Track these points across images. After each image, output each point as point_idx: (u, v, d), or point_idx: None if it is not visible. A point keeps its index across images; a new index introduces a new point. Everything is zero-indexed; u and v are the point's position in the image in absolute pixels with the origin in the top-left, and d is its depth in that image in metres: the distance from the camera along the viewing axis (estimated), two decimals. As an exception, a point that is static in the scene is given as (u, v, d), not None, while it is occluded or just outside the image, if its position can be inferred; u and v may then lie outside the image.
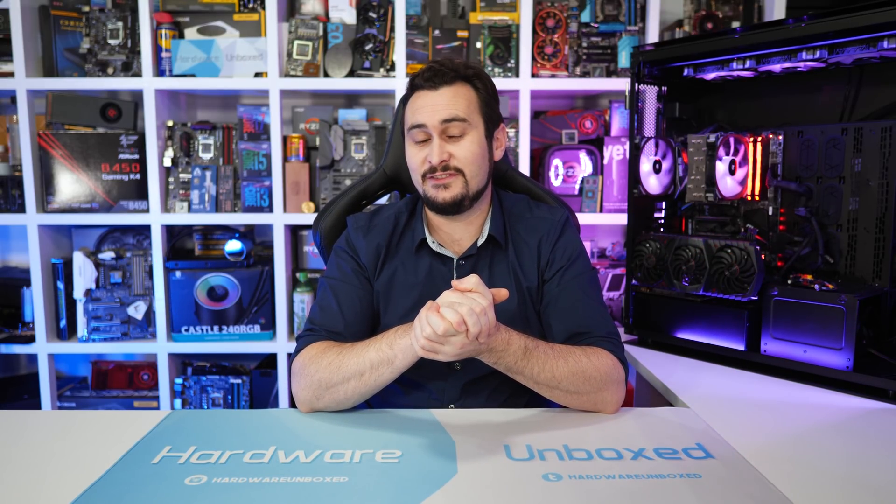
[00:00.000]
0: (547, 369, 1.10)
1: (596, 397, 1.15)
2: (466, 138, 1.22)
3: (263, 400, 2.39)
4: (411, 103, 1.24)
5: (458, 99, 1.21)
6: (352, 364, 1.09)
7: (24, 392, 2.44)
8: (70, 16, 2.27)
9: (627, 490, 0.89)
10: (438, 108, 1.20)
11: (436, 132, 1.20)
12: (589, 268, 1.30)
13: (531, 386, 1.13)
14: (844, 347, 1.33)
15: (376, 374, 1.09)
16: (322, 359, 1.13)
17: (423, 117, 1.20)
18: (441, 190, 1.21)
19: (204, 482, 0.91)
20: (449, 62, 1.23)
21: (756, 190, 1.55)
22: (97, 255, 2.33)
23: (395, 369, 1.09)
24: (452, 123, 1.20)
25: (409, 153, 1.26)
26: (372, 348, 1.09)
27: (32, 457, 1.00)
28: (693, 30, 2.33)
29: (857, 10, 1.29)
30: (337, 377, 1.11)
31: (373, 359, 1.08)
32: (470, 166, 1.22)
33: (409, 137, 1.25)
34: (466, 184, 1.22)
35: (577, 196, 2.28)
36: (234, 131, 2.35)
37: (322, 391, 1.13)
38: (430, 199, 1.23)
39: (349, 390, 1.11)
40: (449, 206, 1.22)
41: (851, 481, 0.94)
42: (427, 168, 1.21)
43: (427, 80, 1.21)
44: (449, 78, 1.21)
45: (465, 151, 1.21)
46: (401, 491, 0.89)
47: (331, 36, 2.27)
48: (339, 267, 1.29)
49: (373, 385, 1.11)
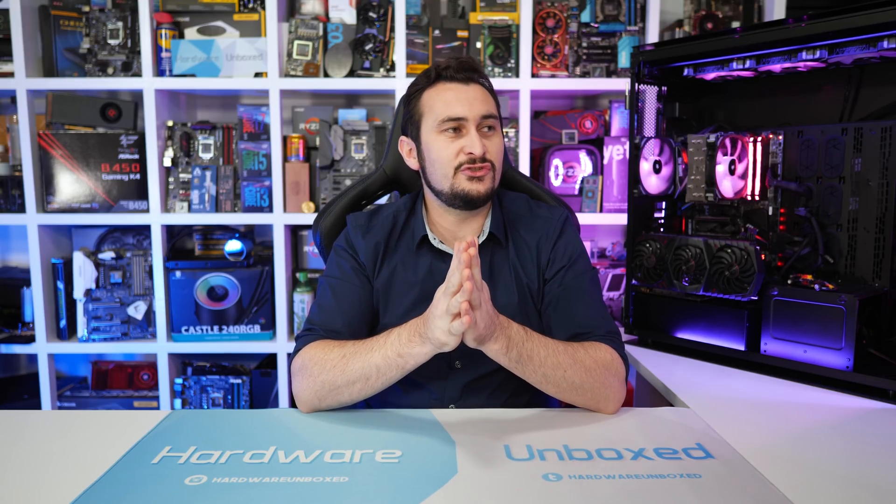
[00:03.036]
0: (551, 353, 1.09)
1: (598, 392, 1.14)
2: (497, 134, 1.26)
3: (263, 400, 2.39)
4: (438, 95, 1.23)
5: (487, 96, 1.25)
6: (357, 368, 1.09)
7: (24, 392, 2.44)
8: (70, 16, 2.27)
9: (627, 490, 0.89)
10: (475, 102, 1.22)
11: (474, 125, 1.21)
12: (589, 268, 1.30)
13: (538, 379, 1.10)
14: (844, 347, 1.32)
15: (384, 379, 1.09)
16: (325, 360, 1.12)
17: (462, 110, 1.21)
18: (476, 182, 1.22)
19: (204, 482, 0.91)
20: (470, 59, 1.26)
21: (756, 190, 1.55)
22: (97, 255, 2.33)
23: (404, 373, 1.09)
24: (489, 119, 1.23)
25: (439, 145, 1.23)
26: (377, 353, 1.08)
27: (32, 457, 1.00)
28: (693, 30, 2.33)
29: (857, 10, 1.29)
30: (342, 380, 1.10)
31: (379, 364, 1.08)
32: (499, 162, 1.25)
33: (436, 129, 1.23)
34: (494, 178, 1.24)
35: (577, 196, 2.28)
36: (234, 131, 2.35)
37: (326, 392, 1.12)
38: (464, 192, 1.22)
39: (354, 392, 1.11)
40: (482, 199, 1.23)
41: (851, 481, 0.94)
42: (465, 159, 1.21)
43: (458, 72, 1.23)
44: (476, 76, 1.25)
45: (496, 147, 1.24)
46: (401, 491, 0.89)
47: (331, 36, 2.27)
48: (338, 266, 1.29)
49: (379, 388, 1.11)
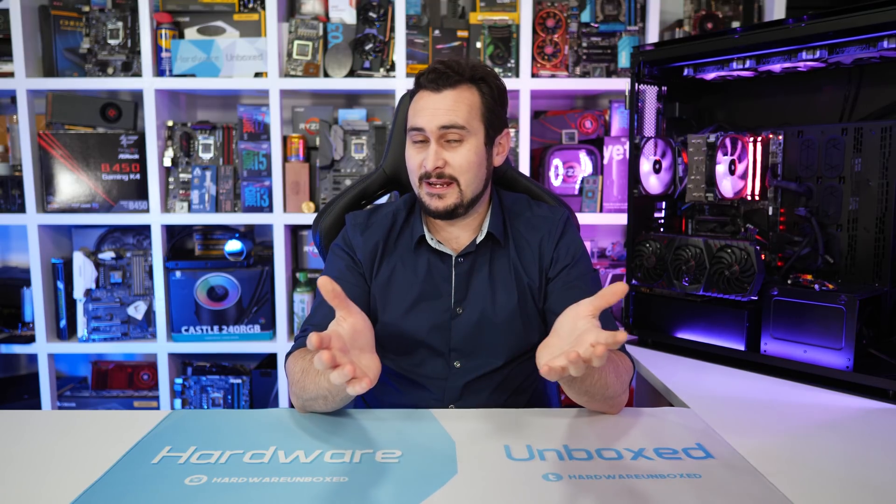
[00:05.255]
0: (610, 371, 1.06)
1: (621, 399, 1.13)
2: (464, 146, 1.19)
3: (263, 400, 2.39)
4: (413, 103, 1.22)
5: (459, 104, 1.18)
6: (311, 388, 1.06)
7: (24, 392, 2.44)
8: (70, 16, 2.27)
9: (627, 490, 0.89)
10: (438, 112, 1.18)
11: (433, 137, 1.18)
12: (591, 269, 1.30)
13: (575, 395, 1.08)
14: (844, 347, 1.32)
15: (338, 399, 1.07)
16: (293, 373, 1.11)
17: (422, 121, 1.19)
18: (435, 199, 1.20)
19: (204, 482, 0.91)
20: (456, 63, 1.20)
21: (756, 190, 1.55)
22: (97, 255, 2.33)
23: (352, 398, 1.07)
24: (450, 130, 1.18)
25: (408, 154, 1.25)
26: (322, 377, 1.03)
27: (32, 457, 1.00)
28: (693, 30, 2.33)
29: (857, 10, 1.29)
30: (305, 395, 1.09)
31: (329, 387, 1.03)
32: (465, 175, 1.20)
33: (408, 138, 1.24)
34: (461, 192, 1.20)
35: (577, 196, 2.28)
36: (234, 131, 2.35)
37: (301, 402, 1.12)
38: (425, 205, 1.23)
39: (321, 406, 1.10)
40: (442, 215, 1.22)
41: (851, 481, 0.94)
42: (423, 173, 1.20)
43: (430, 82, 1.19)
44: (453, 81, 1.18)
45: (461, 159, 1.19)
46: (401, 491, 0.88)
47: (331, 36, 2.27)
48: (334, 265, 1.29)
49: (340, 404, 1.10)
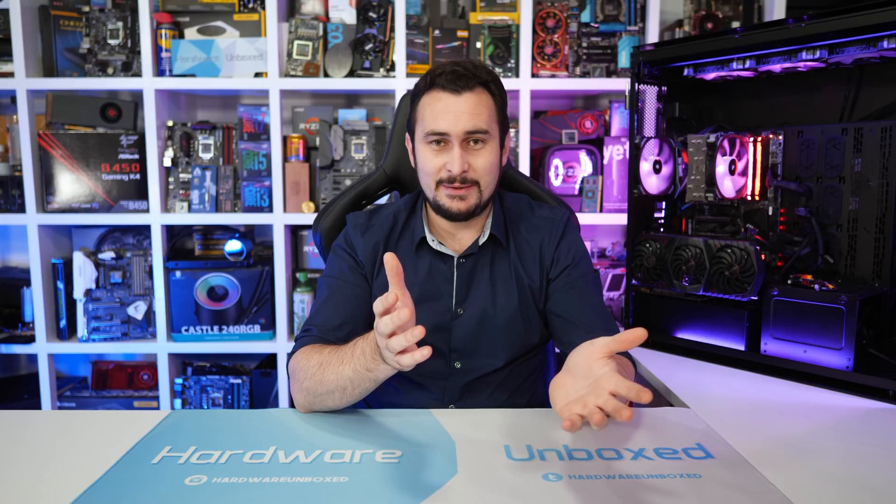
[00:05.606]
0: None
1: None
2: (486, 149, 1.20)
3: (263, 400, 2.39)
4: (430, 104, 1.20)
5: (480, 108, 1.18)
6: (332, 379, 1.07)
7: (24, 392, 2.44)
8: (70, 16, 2.27)
9: (627, 490, 0.89)
10: (462, 116, 1.17)
11: (457, 141, 1.18)
12: (592, 269, 1.30)
13: None
14: (844, 347, 1.32)
15: (360, 390, 1.07)
16: (307, 368, 1.11)
17: (446, 125, 1.17)
18: (457, 201, 1.20)
19: (204, 482, 0.91)
20: (470, 65, 1.19)
21: (756, 190, 1.55)
22: (97, 255, 2.33)
23: (378, 384, 1.06)
24: (476, 134, 1.18)
25: (424, 156, 1.22)
26: (348, 366, 1.04)
27: (32, 457, 1.00)
28: (693, 30, 2.33)
29: (857, 10, 1.29)
30: (321, 389, 1.09)
31: (351, 377, 1.05)
32: (486, 177, 1.21)
33: (424, 140, 1.21)
34: (480, 194, 1.21)
35: (577, 196, 2.28)
36: (234, 131, 2.35)
37: (312, 399, 1.12)
38: (444, 208, 1.22)
39: (336, 400, 1.10)
40: (463, 216, 1.22)
41: (851, 481, 0.94)
42: (445, 176, 1.19)
43: (449, 83, 1.17)
44: (472, 83, 1.18)
45: (483, 162, 1.20)
46: (401, 491, 0.88)
47: (331, 36, 2.27)
48: (335, 265, 1.29)
49: (359, 396, 1.09)
